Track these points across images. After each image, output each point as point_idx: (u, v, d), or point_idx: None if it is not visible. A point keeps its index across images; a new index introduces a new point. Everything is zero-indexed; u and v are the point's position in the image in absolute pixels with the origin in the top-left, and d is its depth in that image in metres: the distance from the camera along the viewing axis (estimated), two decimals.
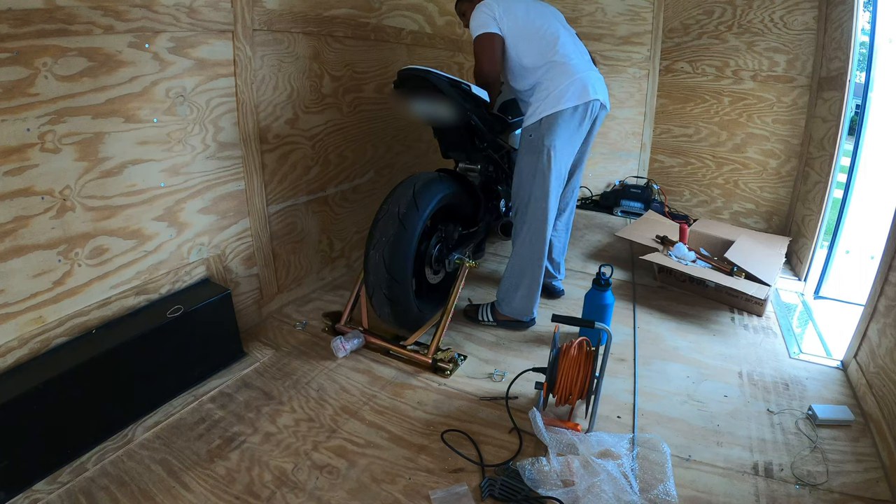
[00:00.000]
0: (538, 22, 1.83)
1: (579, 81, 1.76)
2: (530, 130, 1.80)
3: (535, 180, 1.81)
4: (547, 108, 1.76)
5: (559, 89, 1.76)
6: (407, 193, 1.71)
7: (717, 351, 1.91)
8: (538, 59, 1.81)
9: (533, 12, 1.85)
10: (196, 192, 1.68)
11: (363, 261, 1.73)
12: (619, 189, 3.62)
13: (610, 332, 1.41)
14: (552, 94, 1.76)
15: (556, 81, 1.77)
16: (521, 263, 1.91)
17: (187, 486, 1.25)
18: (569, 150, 1.86)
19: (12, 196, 1.21)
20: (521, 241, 1.90)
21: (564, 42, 1.83)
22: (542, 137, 1.77)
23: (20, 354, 1.30)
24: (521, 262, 1.91)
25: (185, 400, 1.56)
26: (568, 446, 1.37)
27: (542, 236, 1.86)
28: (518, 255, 1.91)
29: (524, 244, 1.89)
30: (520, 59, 1.83)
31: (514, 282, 1.92)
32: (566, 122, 1.77)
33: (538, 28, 1.82)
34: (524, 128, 1.84)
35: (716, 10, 3.11)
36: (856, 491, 1.28)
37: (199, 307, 1.59)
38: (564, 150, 1.82)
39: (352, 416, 1.52)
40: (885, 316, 1.57)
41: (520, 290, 1.92)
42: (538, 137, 1.78)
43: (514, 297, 1.94)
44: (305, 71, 1.99)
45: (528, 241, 1.88)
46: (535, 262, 1.89)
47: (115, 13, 1.34)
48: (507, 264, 1.97)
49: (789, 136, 3.05)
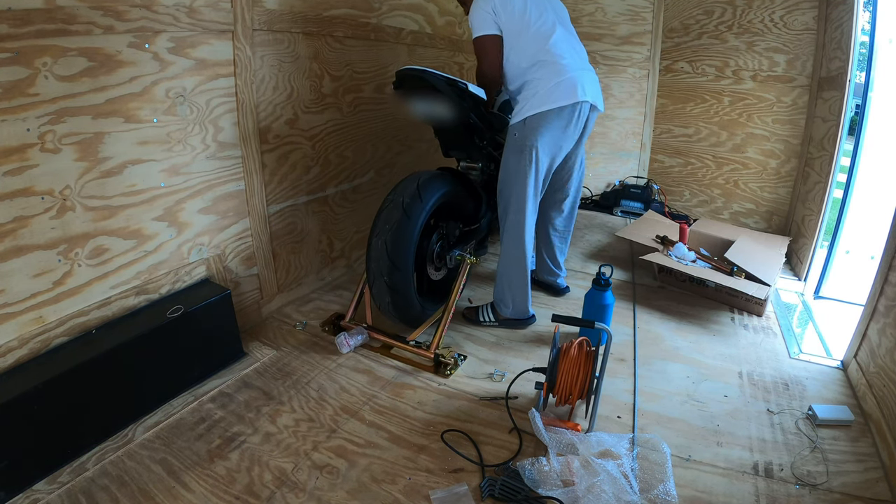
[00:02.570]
0: (534, 16, 1.77)
1: (569, 81, 1.72)
2: (515, 129, 1.79)
3: (517, 179, 1.80)
4: (532, 107, 1.73)
5: (547, 88, 1.72)
6: (411, 186, 1.75)
7: (717, 351, 1.91)
8: (529, 58, 1.76)
9: (531, 5, 1.78)
10: (196, 192, 1.68)
11: (366, 254, 1.75)
12: (619, 189, 3.62)
13: (610, 332, 1.41)
14: (539, 94, 1.73)
15: (545, 80, 1.73)
16: (506, 262, 1.92)
17: (187, 486, 1.25)
18: (552, 152, 1.81)
19: (12, 196, 1.21)
20: (504, 240, 1.90)
21: (558, 39, 1.77)
22: (525, 137, 1.76)
23: (20, 354, 1.30)
24: (506, 261, 1.92)
25: (185, 400, 1.56)
26: (568, 446, 1.37)
27: (522, 235, 1.85)
28: (503, 255, 1.93)
29: (507, 243, 1.90)
30: (512, 57, 1.80)
31: (505, 281, 1.94)
32: (551, 122, 1.74)
33: (532, 23, 1.76)
34: (510, 126, 1.83)
35: (716, 10, 3.11)
36: (856, 491, 1.28)
37: (199, 307, 1.59)
38: (547, 151, 1.79)
39: (352, 416, 1.52)
40: (885, 316, 1.57)
41: (511, 289, 1.93)
42: (522, 137, 1.77)
43: (507, 296, 1.95)
44: (305, 71, 1.99)
45: (510, 239, 1.88)
46: (519, 261, 1.88)
47: (115, 13, 1.34)
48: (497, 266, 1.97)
49: (789, 136, 3.05)
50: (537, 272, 2.32)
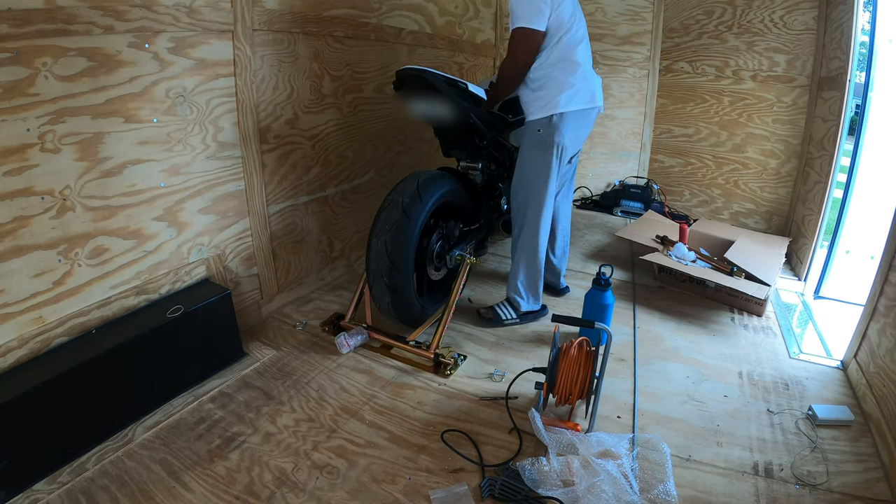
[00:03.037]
0: (576, 23, 1.80)
1: (591, 85, 1.82)
2: (539, 125, 1.81)
3: (540, 175, 1.83)
4: (560, 105, 1.77)
5: (574, 88, 1.78)
6: (411, 186, 1.75)
7: (717, 351, 1.91)
8: (556, 56, 1.80)
9: (577, 12, 1.82)
10: (196, 192, 1.68)
11: (366, 254, 1.75)
12: (619, 189, 3.62)
13: (610, 332, 1.41)
14: (566, 92, 1.77)
15: (571, 81, 1.78)
16: (524, 258, 1.95)
17: (187, 486, 1.25)
18: (573, 151, 1.89)
19: (12, 196, 1.21)
20: (522, 236, 1.93)
21: (585, 46, 1.86)
22: (551, 133, 1.79)
23: (20, 354, 1.30)
24: (523, 256, 1.94)
25: (185, 400, 1.56)
26: (568, 446, 1.37)
27: (539, 232, 1.90)
28: (520, 250, 1.95)
29: (524, 238, 1.92)
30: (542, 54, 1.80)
31: (522, 275, 1.97)
32: (577, 122, 1.80)
33: (572, 28, 1.79)
34: (532, 121, 1.85)
35: (716, 10, 3.10)
36: (856, 491, 1.28)
37: (199, 307, 1.59)
38: (570, 149, 1.85)
39: (352, 416, 1.52)
40: (885, 316, 1.57)
41: (527, 283, 1.97)
42: (547, 133, 1.79)
43: (524, 290, 1.99)
44: (305, 71, 1.99)
45: (528, 235, 1.91)
46: (536, 255, 1.94)
47: (115, 13, 1.34)
48: (511, 261, 2.00)
49: (789, 136, 3.05)
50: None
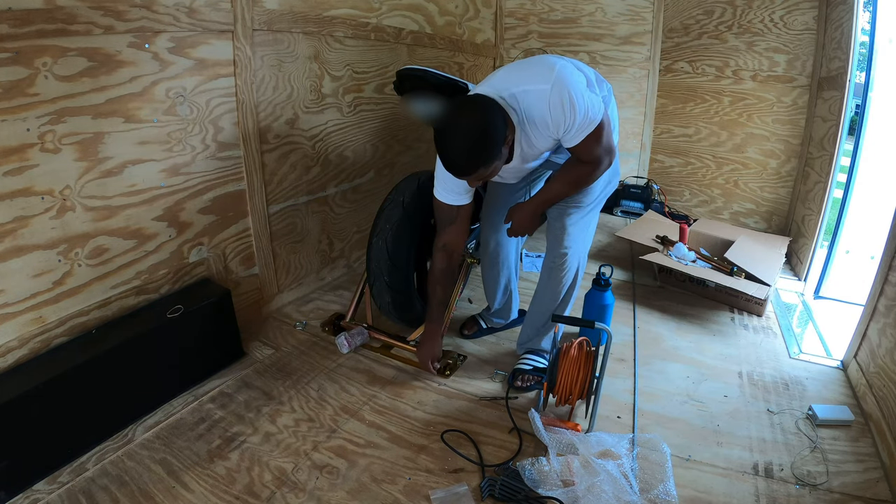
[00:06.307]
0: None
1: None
2: (598, 188, 1.67)
3: (591, 237, 1.74)
4: (614, 181, 1.71)
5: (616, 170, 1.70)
6: (412, 185, 1.75)
7: (717, 351, 1.90)
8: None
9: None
10: (196, 192, 1.68)
11: (366, 254, 1.74)
12: (619, 189, 3.61)
13: (610, 332, 1.41)
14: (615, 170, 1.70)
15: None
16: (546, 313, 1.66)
17: (187, 486, 1.25)
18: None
19: (12, 196, 1.22)
20: (562, 297, 1.67)
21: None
22: (604, 200, 1.71)
23: (20, 354, 1.30)
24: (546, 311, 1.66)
25: (185, 400, 1.56)
26: (568, 446, 1.37)
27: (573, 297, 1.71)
28: (546, 306, 1.67)
29: (562, 298, 1.66)
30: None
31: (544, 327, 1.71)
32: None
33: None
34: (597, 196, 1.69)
35: (716, 10, 3.10)
36: (856, 491, 1.28)
37: (199, 307, 1.59)
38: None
39: (352, 416, 1.52)
40: (885, 316, 1.57)
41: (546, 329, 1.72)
42: (602, 198, 1.70)
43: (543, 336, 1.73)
44: (305, 71, 1.98)
45: (567, 297, 1.68)
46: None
47: (115, 13, 1.33)
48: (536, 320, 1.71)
49: (789, 136, 3.04)
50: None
